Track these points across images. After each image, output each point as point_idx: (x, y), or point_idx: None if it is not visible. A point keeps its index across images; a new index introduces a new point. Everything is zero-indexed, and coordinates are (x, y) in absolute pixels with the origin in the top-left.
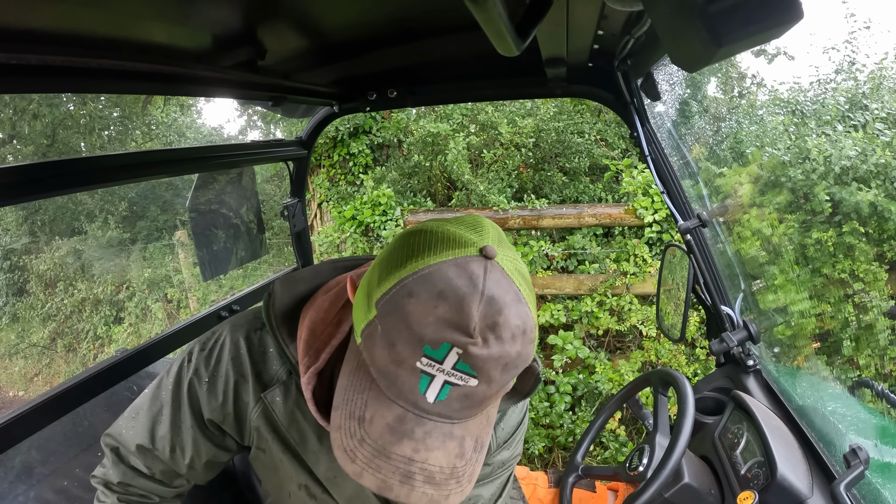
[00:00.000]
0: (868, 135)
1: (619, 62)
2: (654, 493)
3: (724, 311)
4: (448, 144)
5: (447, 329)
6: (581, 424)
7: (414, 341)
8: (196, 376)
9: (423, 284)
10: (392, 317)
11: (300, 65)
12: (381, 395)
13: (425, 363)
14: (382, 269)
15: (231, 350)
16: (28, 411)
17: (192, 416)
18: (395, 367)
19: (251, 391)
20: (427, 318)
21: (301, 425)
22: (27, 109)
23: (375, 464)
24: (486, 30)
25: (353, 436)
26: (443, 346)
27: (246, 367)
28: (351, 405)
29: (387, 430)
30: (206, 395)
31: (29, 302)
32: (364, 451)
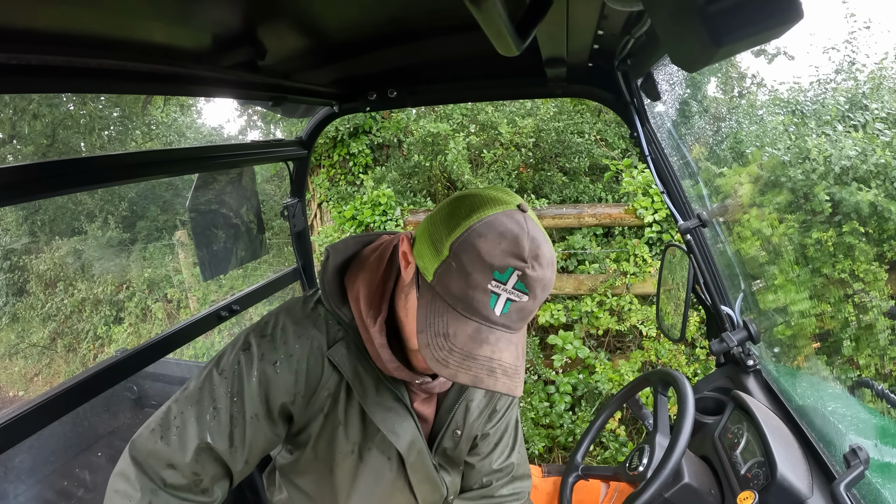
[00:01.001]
0: (868, 135)
1: (619, 62)
2: (654, 493)
3: (724, 311)
4: (448, 144)
5: (510, 257)
6: (581, 424)
7: (486, 268)
8: (265, 362)
9: (488, 228)
10: (468, 253)
11: (300, 65)
12: (458, 316)
13: (494, 285)
14: (447, 222)
15: (294, 329)
16: (28, 411)
17: (260, 405)
18: (472, 291)
19: (319, 359)
20: (495, 250)
21: (363, 377)
22: (27, 109)
23: (466, 365)
24: (486, 30)
25: (442, 348)
26: (507, 270)
27: (311, 339)
28: (434, 327)
29: (469, 340)
30: (279, 378)
31: (29, 302)
32: (454, 357)
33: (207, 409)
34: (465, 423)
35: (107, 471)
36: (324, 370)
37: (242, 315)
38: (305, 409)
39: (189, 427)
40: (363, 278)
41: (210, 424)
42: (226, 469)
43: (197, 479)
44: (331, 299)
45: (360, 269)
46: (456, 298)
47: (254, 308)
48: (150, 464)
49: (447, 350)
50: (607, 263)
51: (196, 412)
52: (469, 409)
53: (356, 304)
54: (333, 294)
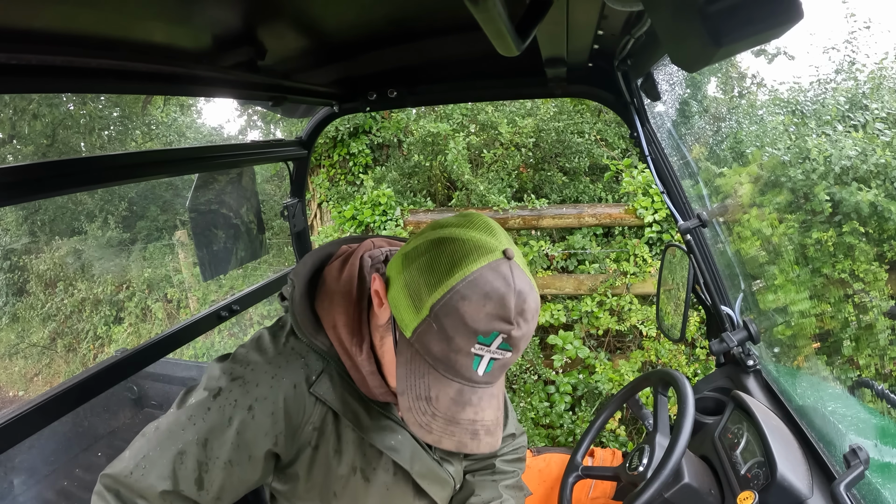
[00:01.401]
0: (868, 135)
1: (619, 62)
2: (654, 493)
3: (724, 311)
4: (448, 144)
5: (495, 321)
6: (581, 424)
7: (469, 333)
8: (239, 408)
9: (472, 289)
10: (450, 317)
11: (300, 65)
12: (440, 377)
13: (477, 348)
14: (426, 276)
15: (267, 370)
16: (28, 411)
17: (236, 451)
18: (454, 355)
19: (299, 397)
20: (479, 314)
21: (352, 405)
22: (27, 109)
23: (449, 430)
24: (486, 30)
25: (425, 413)
26: (492, 335)
27: (287, 378)
28: (416, 389)
29: (452, 403)
30: (255, 423)
31: (29, 302)
32: (437, 423)
33: (174, 453)
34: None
35: None
36: (305, 407)
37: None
38: (291, 445)
39: (157, 467)
40: (339, 305)
41: (177, 468)
42: None
43: None
44: (305, 331)
45: (333, 296)
46: (437, 360)
47: (254, 308)
48: (124, 492)
49: (430, 415)
50: (607, 263)
51: (164, 454)
52: None
53: (334, 332)
54: (307, 324)
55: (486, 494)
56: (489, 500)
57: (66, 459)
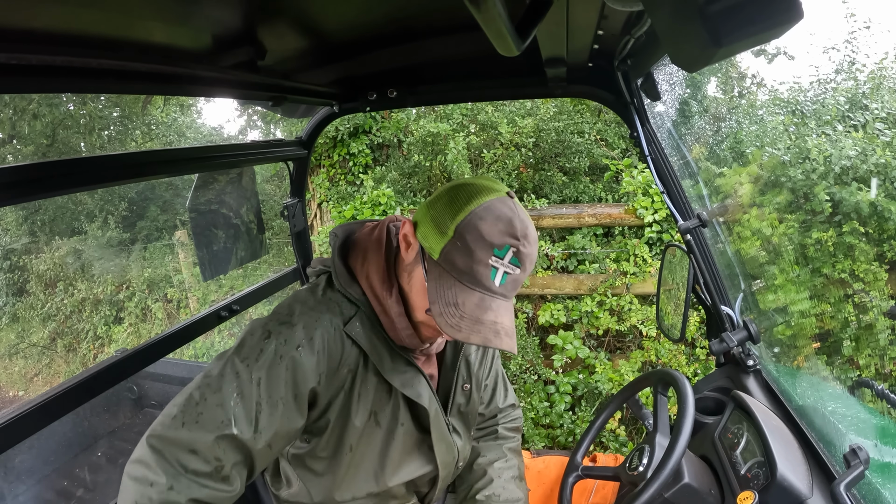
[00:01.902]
0: (868, 135)
1: (619, 62)
2: (654, 493)
3: (724, 311)
4: (448, 144)
5: (507, 237)
6: (581, 424)
7: (487, 246)
8: (289, 347)
9: (487, 212)
10: (471, 234)
11: (300, 65)
12: (464, 288)
13: (494, 260)
14: (449, 207)
15: (311, 314)
16: (28, 411)
17: (286, 389)
18: (476, 265)
19: (337, 337)
20: (494, 231)
21: (378, 348)
22: (27, 109)
23: (476, 328)
24: (486, 30)
25: (454, 315)
26: (505, 248)
27: (328, 321)
28: (444, 298)
29: (476, 307)
30: (304, 360)
31: (29, 302)
32: (465, 323)
33: (231, 395)
34: (470, 375)
35: (107, 471)
36: (343, 347)
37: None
38: (329, 386)
39: (212, 413)
40: (371, 258)
41: (234, 410)
42: (247, 456)
43: (219, 465)
44: (342, 280)
45: (366, 251)
46: (462, 272)
47: (254, 308)
48: (170, 450)
49: (458, 317)
50: (607, 263)
51: (219, 399)
52: (469, 362)
53: (367, 281)
54: (343, 275)
55: (491, 455)
56: (494, 459)
57: (66, 459)
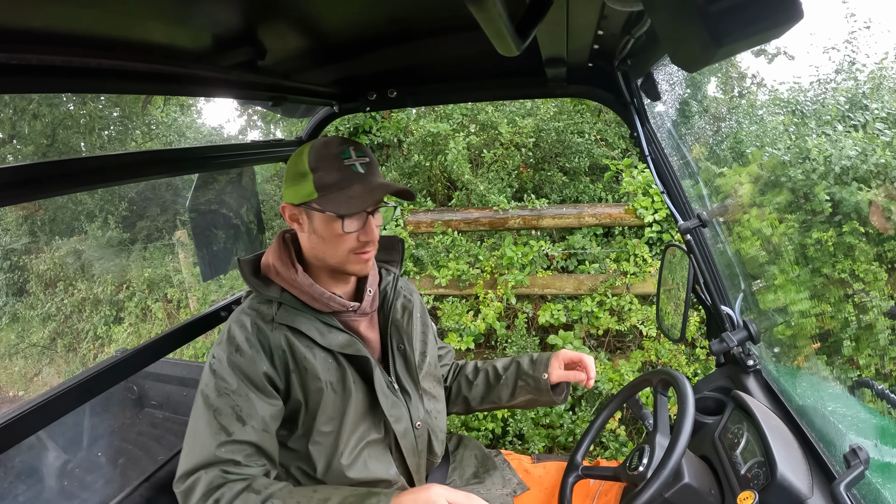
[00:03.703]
0: (868, 135)
1: (619, 62)
2: (654, 493)
3: (724, 311)
4: (448, 144)
5: (339, 146)
6: (581, 424)
7: (334, 158)
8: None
9: (315, 145)
10: (320, 161)
11: (300, 65)
12: (347, 188)
13: (345, 162)
14: (294, 165)
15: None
16: (28, 411)
17: (243, 382)
18: (339, 173)
19: (264, 331)
20: (329, 149)
21: (307, 322)
22: (27, 109)
23: (375, 191)
24: (486, 30)
25: (355, 201)
26: (345, 150)
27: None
28: (341, 202)
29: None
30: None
31: (29, 302)
32: (365, 198)
33: (211, 411)
34: (401, 335)
35: (107, 470)
36: (271, 336)
37: None
38: (276, 371)
39: (205, 433)
40: (275, 260)
41: (220, 420)
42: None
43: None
44: (259, 289)
45: (268, 259)
46: (337, 184)
47: None
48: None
49: (358, 198)
50: (607, 263)
51: (207, 418)
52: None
53: (278, 277)
54: (257, 284)
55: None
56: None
57: (66, 459)
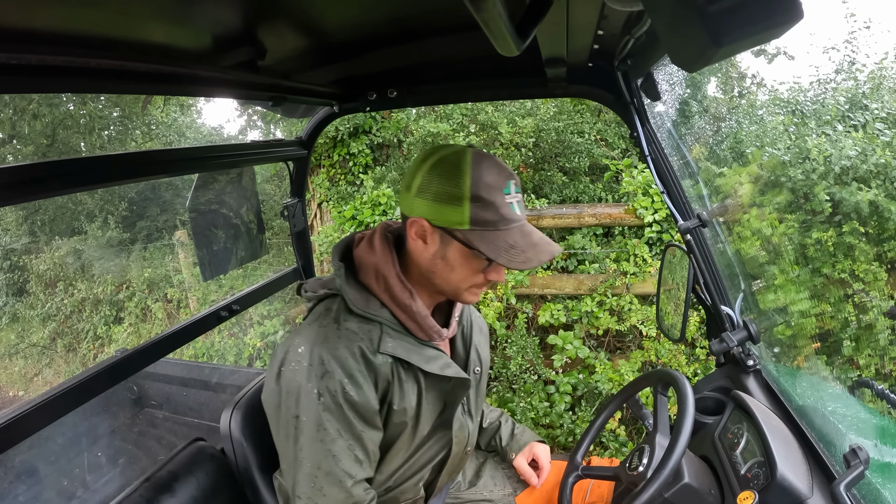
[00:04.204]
0: (868, 135)
1: (619, 62)
2: (654, 493)
3: (724, 311)
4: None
5: (503, 175)
6: (581, 424)
7: (498, 191)
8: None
9: (479, 167)
10: (482, 190)
11: (300, 65)
12: (505, 231)
13: (507, 198)
14: (448, 183)
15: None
16: (28, 411)
17: (358, 421)
18: (500, 210)
19: (371, 361)
20: (494, 177)
21: (410, 350)
22: (27, 109)
23: (535, 251)
24: (486, 30)
25: (517, 255)
26: (508, 184)
27: (356, 348)
28: (500, 248)
29: (522, 238)
30: (355, 394)
31: (29, 302)
32: (527, 253)
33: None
34: (480, 360)
35: (107, 470)
36: (377, 365)
37: (242, 315)
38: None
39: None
40: (386, 273)
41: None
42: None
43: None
44: (359, 305)
45: (377, 269)
46: (496, 222)
47: (254, 308)
48: None
49: (520, 253)
50: (607, 263)
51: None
52: (478, 349)
53: (387, 294)
54: (359, 300)
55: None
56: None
57: (66, 459)
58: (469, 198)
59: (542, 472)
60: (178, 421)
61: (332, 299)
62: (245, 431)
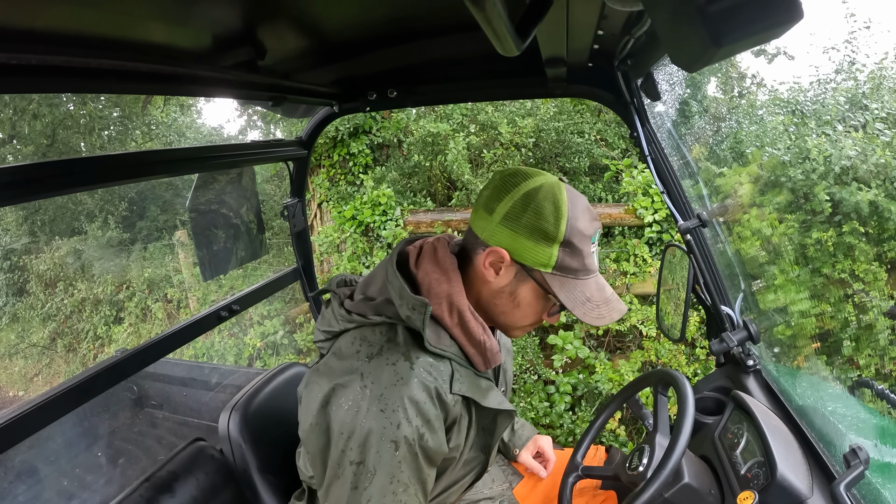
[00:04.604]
0: (868, 135)
1: (619, 62)
2: (654, 493)
3: (724, 311)
4: (448, 144)
5: (594, 222)
6: (581, 424)
7: (587, 240)
8: (416, 439)
9: (575, 209)
10: (575, 236)
11: (300, 65)
12: (584, 282)
13: (592, 247)
14: (541, 218)
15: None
16: (28, 411)
17: (428, 466)
18: (585, 260)
19: (444, 402)
20: (586, 223)
21: (476, 387)
22: (27, 109)
23: (608, 307)
24: (486, 30)
25: (592, 309)
26: (595, 233)
27: (432, 394)
28: (577, 299)
29: (598, 292)
30: (430, 441)
31: (29, 302)
32: (600, 309)
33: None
34: (506, 379)
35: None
36: (450, 407)
37: (242, 315)
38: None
39: None
40: (460, 305)
41: None
42: None
43: None
44: (433, 342)
45: (449, 300)
46: (577, 271)
47: (254, 308)
48: None
49: (594, 308)
50: (607, 263)
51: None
52: (506, 371)
53: (460, 329)
54: (433, 336)
55: None
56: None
57: (66, 459)
58: (561, 241)
59: (549, 464)
60: (177, 421)
61: (391, 328)
62: (244, 432)
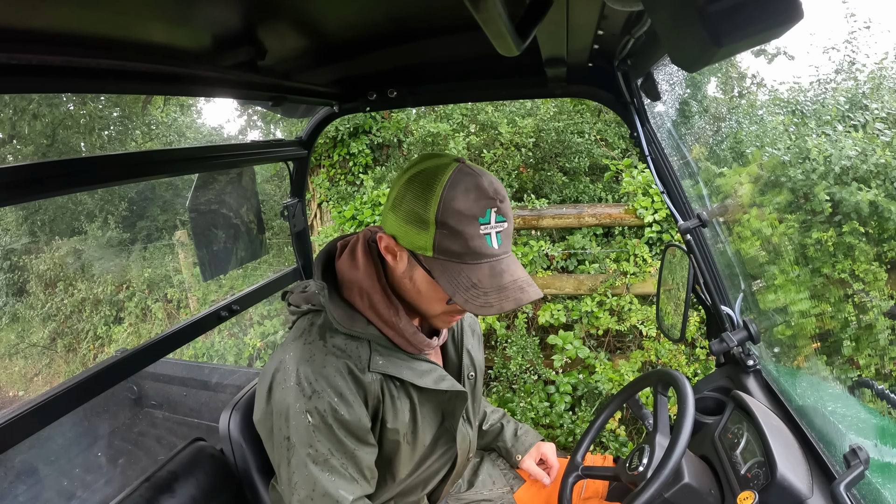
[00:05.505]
0: (868, 135)
1: (619, 62)
2: (654, 493)
3: (724, 311)
4: (448, 144)
5: (483, 201)
6: (581, 424)
7: (471, 220)
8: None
9: (454, 189)
10: (451, 217)
11: (300, 65)
12: (472, 266)
13: (483, 228)
14: (417, 202)
15: (326, 372)
16: (28, 411)
17: (350, 440)
18: (470, 242)
19: (359, 379)
20: (469, 203)
21: (400, 366)
22: (27, 109)
23: (502, 296)
24: (486, 30)
25: (478, 296)
26: (487, 212)
27: (343, 366)
28: (460, 285)
29: (491, 277)
30: (345, 413)
31: (29, 302)
32: (490, 297)
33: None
34: (473, 364)
35: (106, 471)
36: (368, 383)
37: (242, 315)
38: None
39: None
40: (370, 290)
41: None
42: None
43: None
44: (344, 324)
45: (360, 285)
46: (462, 254)
47: (254, 308)
48: None
49: (482, 294)
50: (607, 263)
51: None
52: (471, 353)
53: (372, 311)
54: (344, 318)
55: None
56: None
57: (66, 459)
58: (434, 225)
59: (553, 471)
60: (177, 421)
61: (315, 314)
62: (244, 432)
